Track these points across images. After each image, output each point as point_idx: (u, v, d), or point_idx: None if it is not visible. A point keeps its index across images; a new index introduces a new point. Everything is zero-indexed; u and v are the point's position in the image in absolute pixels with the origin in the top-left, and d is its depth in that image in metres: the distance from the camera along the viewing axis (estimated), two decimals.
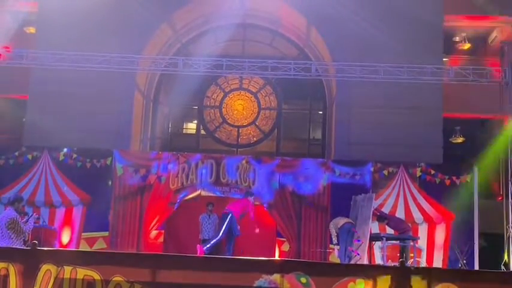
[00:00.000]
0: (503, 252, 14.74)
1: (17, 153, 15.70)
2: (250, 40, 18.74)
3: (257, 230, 13.78)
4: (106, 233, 15.25)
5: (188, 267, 7.77)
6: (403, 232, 13.43)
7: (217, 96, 18.98)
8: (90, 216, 15.29)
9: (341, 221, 13.10)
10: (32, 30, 17.35)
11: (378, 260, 13.82)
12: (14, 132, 17.09)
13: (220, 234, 13.42)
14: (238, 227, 13.50)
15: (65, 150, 15.68)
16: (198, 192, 15.67)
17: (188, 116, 19.54)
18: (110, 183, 15.50)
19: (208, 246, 13.23)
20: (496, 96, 15.62)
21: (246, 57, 16.03)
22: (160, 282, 7.64)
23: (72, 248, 14.48)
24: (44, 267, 7.65)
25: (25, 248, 9.92)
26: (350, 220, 13.25)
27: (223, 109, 18.87)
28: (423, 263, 14.02)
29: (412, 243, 13.30)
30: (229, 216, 13.37)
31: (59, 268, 7.65)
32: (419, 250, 13.96)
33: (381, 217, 13.83)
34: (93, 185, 15.33)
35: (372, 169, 15.53)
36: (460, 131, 18.20)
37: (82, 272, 7.63)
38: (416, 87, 15.26)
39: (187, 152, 16.46)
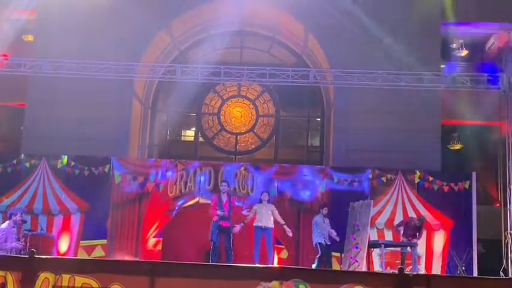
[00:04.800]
0: (502, 258, 14.74)
1: (15, 161, 15.65)
2: (248, 47, 18.78)
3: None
4: (104, 241, 15.20)
5: (186, 274, 7.75)
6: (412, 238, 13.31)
7: (215, 103, 19.00)
8: (88, 224, 15.24)
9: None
10: (30, 38, 17.37)
11: (377, 267, 13.78)
12: (12, 140, 17.09)
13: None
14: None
15: (63, 157, 15.65)
16: (196, 200, 15.64)
17: (186, 123, 19.55)
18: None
19: None
20: (494, 102, 15.66)
21: (244, 65, 16.07)
22: None
23: (70, 256, 14.44)
24: (42, 276, 7.64)
25: (23, 256, 9.91)
26: None
27: (221, 116, 18.88)
28: (422, 270, 14.00)
29: (410, 250, 13.28)
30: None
31: (57, 276, 7.63)
32: (418, 257, 13.94)
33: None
34: (91, 193, 15.28)
35: (370, 176, 15.51)
36: (458, 138, 18.22)
37: (80, 280, 7.62)
38: (414, 94, 15.31)
39: (186, 160, 16.44)
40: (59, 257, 13.68)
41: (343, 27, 16.56)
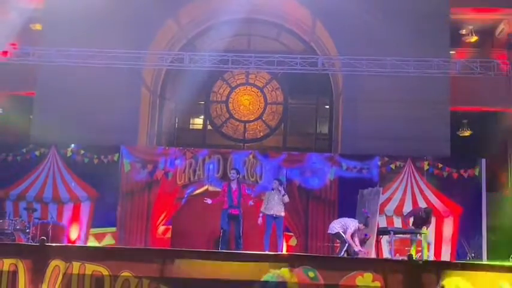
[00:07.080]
0: None
1: (24, 150, 15.73)
2: (256, 35, 18.71)
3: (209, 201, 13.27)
4: (114, 229, 15.27)
5: (196, 262, 7.78)
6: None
7: (223, 91, 18.98)
8: (98, 212, 15.33)
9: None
10: (38, 27, 17.38)
11: (386, 254, 13.79)
12: (22, 129, 17.11)
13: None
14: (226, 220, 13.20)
15: (73, 146, 15.71)
16: (205, 188, 15.68)
17: (195, 111, 19.53)
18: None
19: None
20: (504, 89, 15.56)
21: (252, 52, 16.02)
22: (168, 277, 7.66)
23: (81, 244, 14.53)
24: (53, 263, 7.69)
25: (34, 244, 9.97)
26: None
27: (229, 104, 18.86)
28: (431, 257, 13.99)
29: (419, 237, 13.26)
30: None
31: (68, 264, 7.68)
32: (428, 244, 13.93)
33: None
34: (100, 181, 15.33)
35: (379, 163, 15.49)
36: (467, 124, 18.15)
37: (90, 268, 7.66)
38: (423, 80, 15.22)
39: (194, 148, 16.45)
40: (69, 244, 13.76)
41: (351, 13, 16.44)
